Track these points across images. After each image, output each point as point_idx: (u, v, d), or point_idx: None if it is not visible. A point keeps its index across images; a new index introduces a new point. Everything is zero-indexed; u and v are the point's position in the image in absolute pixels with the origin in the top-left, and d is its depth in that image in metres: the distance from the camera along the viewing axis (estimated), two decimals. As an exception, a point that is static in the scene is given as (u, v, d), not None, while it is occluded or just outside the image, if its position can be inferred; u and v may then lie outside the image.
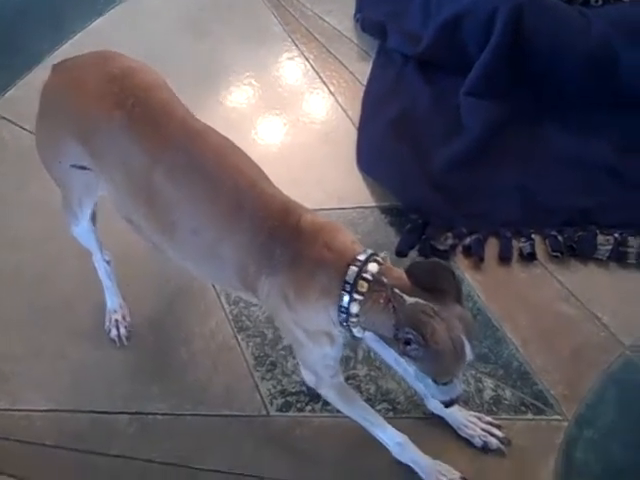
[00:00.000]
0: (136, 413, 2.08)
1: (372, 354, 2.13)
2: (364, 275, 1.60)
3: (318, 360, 1.78)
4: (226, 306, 2.26)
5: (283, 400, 2.09)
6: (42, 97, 1.87)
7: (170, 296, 2.30)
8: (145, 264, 2.34)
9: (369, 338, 1.93)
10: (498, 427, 2.00)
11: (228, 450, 2.02)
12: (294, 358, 2.07)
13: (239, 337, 2.20)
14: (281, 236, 1.65)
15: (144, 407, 2.09)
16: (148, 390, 2.12)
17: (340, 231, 1.68)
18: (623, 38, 2.45)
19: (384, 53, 2.77)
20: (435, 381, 1.60)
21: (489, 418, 2.01)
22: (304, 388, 2.08)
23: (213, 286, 2.29)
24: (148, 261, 2.33)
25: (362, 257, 1.62)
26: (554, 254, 2.28)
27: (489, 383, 2.09)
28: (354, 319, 1.61)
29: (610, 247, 2.27)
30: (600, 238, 2.29)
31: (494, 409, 2.05)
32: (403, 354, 1.55)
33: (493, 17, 2.52)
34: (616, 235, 2.29)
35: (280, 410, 2.07)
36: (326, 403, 2.00)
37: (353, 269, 1.60)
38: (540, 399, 2.06)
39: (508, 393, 2.07)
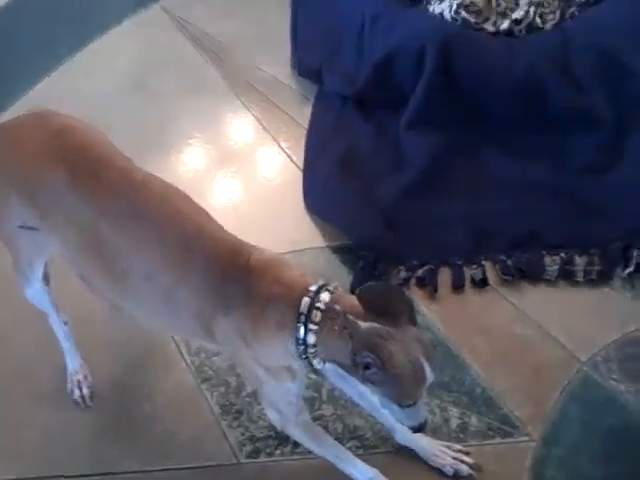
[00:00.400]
0: (106, 474, 2.05)
1: (336, 392, 2.13)
2: (317, 305, 1.62)
3: (281, 397, 1.79)
4: (187, 357, 2.26)
5: (252, 446, 2.08)
6: None
7: (130, 353, 2.29)
8: (103, 323, 2.33)
9: (331, 373, 1.96)
10: (467, 454, 2.01)
11: (201, 501, 2.01)
12: (259, 404, 2.05)
13: (203, 387, 2.19)
14: (232, 276, 1.69)
15: (113, 467, 2.06)
16: (116, 449, 2.09)
17: (287, 265, 1.72)
18: (547, 65, 2.55)
19: (323, 95, 2.84)
20: (399, 405, 1.61)
21: (458, 446, 2.03)
22: (272, 432, 2.07)
23: (173, 339, 2.29)
24: (106, 320, 2.32)
25: (313, 288, 1.65)
26: (505, 278, 2.33)
27: (454, 412, 2.11)
28: (312, 350, 1.63)
29: (557, 267, 2.33)
30: (547, 259, 2.36)
31: (462, 436, 2.07)
32: (364, 380, 1.57)
33: (422, 54, 2.59)
34: (562, 255, 2.35)
35: (250, 457, 2.06)
36: (296, 445, 2.01)
37: (306, 300, 1.63)
38: (506, 422, 2.08)
39: (474, 419, 2.10)
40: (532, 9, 2.69)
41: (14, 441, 2.13)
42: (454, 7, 2.71)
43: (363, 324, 1.56)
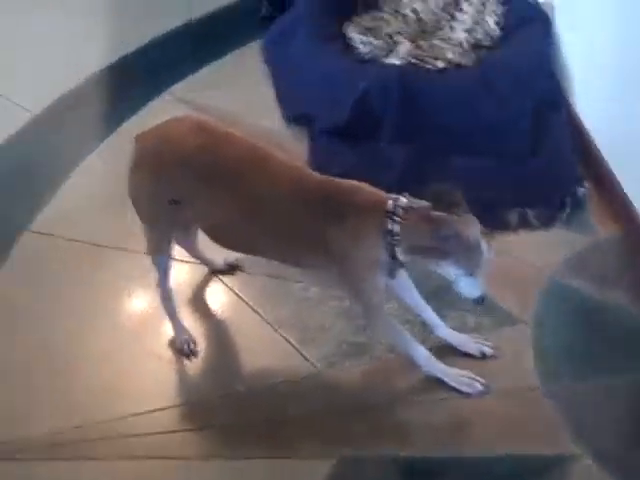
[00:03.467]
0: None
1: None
2: (399, 204, 2.42)
3: (373, 290, 2.54)
4: (260, 312, 2.98)
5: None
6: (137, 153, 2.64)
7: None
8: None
9: (400, 287, 2.71)
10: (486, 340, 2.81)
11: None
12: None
13: (280, 331, 2.94)
14: (337, 197, 2.48)
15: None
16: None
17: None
18: (479, 88, 3.51)
19: (314, 135, 3.67)
20: (469, 273, 2.38)
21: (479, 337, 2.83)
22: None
23: (244, 301, 3.01)
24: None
25: (393, 195, 2.45)
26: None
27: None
28: (397, 238, 2.40)
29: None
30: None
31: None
32: (442, 252, 2.36)
33: (388, 90, 3.52)
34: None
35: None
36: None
37: (390, 202, 2.43)
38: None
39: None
40: (457, 52, 3.71)
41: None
42: (403, 55, 3.69)
43: (436, 213, 2.35)
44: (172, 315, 2.90)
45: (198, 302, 3.08)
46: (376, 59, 3.78)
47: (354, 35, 3.86)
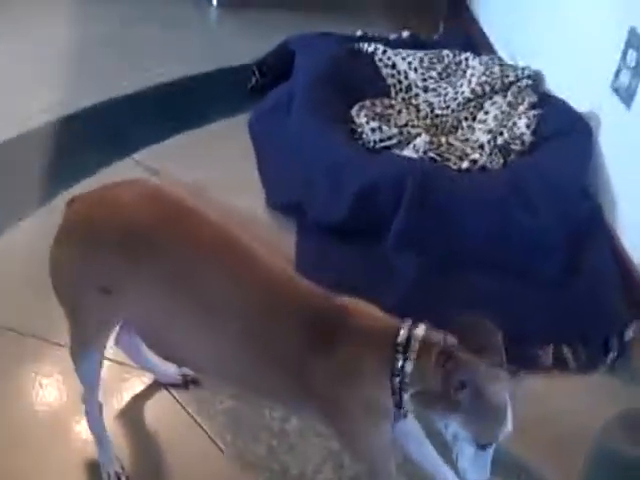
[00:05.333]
0: None
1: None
2: (415, 334, 1.76)
3: (378, 443, 1.86)
4: (222, 446, 2.25)
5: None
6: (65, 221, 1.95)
7: (161, 441, 2.27)
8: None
9: (400, 431, 2.02)
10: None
11: None
12: None
13: (248, 475, 2.19)
14: (327, 314, 1.82)
15: None
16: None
17: (371, 306, 1.88)
18: (512, 196, 2.92)
19: (303, 228, 3.03)
20: (476, 441, 1.72)
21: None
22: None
23: (202, 429, 2.28)
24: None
25: (408, 322, 1.79)
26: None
27: None
28: (406, 384, 1.74)
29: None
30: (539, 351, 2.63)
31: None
32: (451, 403, 1.68)
33: (401, 186, 2.89)
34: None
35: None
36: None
37: (404, 332, 1.76)
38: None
39: None
40: (484, 154, 3.14)
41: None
42: (421, 149, 3.09)
43: (459, 354, 1.70)
44: (100, 439, 2.19)
45: (136, 422, 2.35)
46: (388, 149, 3.21)
47: (363, 120, 3.28)
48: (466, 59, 3.79)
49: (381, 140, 3.25)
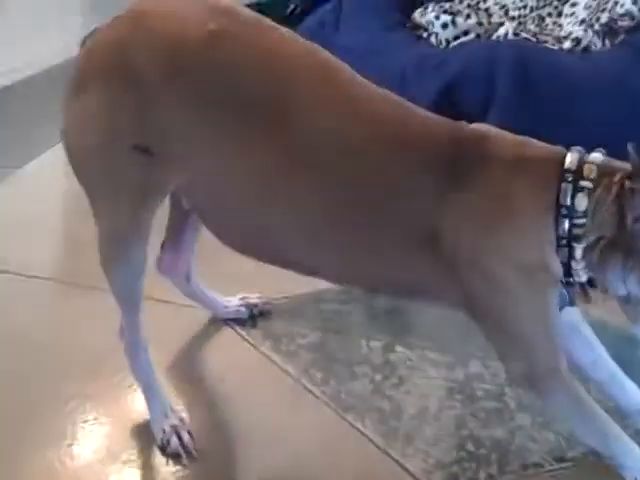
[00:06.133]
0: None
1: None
2: (589, 159, 1.26)
3: (536, 323, 1.30)
4: (315, 390, 1.68)
5: (445, 472, 1.49)
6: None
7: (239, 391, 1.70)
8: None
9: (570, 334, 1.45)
10: None
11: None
12: (433, 421, 1.54)
13: (349, 418, 1.62)
14: (460, 143, 1.32)
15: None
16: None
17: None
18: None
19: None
20: None
21: None
22: (464, 453, 1.52)
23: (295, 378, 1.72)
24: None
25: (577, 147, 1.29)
26: None
27: None
28: (580, 228, 1.23)
29: None
30: None
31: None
32: None
33: (492, 74, 2.32)
34: None
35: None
36: (504, 463, 1.46)
37: (573, 155, 1.26)
38: None
39: None
40: (589, 32, 2.57)
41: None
42: (510, 32, 2.54)
43: None
44: (148, 385, 1.61)
45: (196, 369, 1.78)
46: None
47: (431, 16, 2.69)
48: (540, -50, 3.25)
49: (456, 38, 2.67)
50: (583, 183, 1.24)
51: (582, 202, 1.24)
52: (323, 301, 1.91)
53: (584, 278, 1.29)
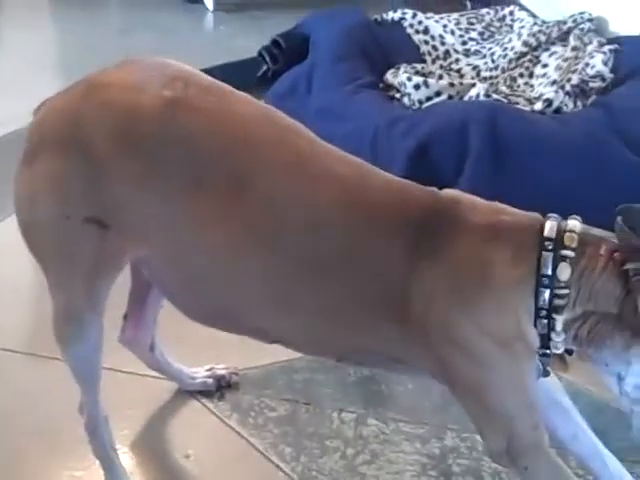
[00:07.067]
0: None
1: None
2: (569, 228, 1.21)
3: (515, 394, 1.24)
4: (284, 466, 1.60)
5: None
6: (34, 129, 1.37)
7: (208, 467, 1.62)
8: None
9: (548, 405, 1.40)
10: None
11: None
12: None
13: (319, 498, 1.54)
14: (432, 208, 1.27)
15: None
16: None
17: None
18: (603, 132, 2.33)
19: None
20: None
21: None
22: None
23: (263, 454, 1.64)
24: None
25: (554, 215, 1.25)
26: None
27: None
28: (561, 299, 1.18)
29: None
30: None
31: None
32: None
33: (466, 132, 2.31)
34: None
35: None
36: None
37: (551, 223, 1.21)
38: None
39: None
40: (560, 92, 2.56)
41: None
42: (482, 93, 2.52)
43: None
44: (109, 462, 1.52)
45: (160, 445, 1.69)
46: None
47: (403, 78, 2.68)
48: (511, 12, 3.24)
49: (428, 99, 2.66)
50: (565, 252, 1.19)
51: (565, 272, 1.19)
52: (294, 371, 1.84)
53: (562, 350, 1.25)
